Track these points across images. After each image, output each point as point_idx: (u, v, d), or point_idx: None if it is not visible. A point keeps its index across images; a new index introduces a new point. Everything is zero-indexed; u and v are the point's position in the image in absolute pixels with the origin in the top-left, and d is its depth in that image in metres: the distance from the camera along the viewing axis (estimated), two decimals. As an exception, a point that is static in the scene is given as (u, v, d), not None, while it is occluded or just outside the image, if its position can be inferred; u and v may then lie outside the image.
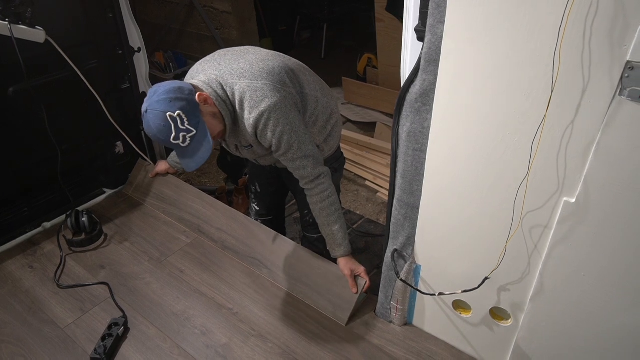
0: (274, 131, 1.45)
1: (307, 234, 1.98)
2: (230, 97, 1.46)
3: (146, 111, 1.35)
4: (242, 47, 1.60)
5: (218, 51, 1.59)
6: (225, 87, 1.46)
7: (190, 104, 1.37)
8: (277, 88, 1.44)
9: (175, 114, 1.33)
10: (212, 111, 1.43)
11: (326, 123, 1.68)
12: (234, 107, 1.47)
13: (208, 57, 1.57)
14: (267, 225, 1.99)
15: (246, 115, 1.45)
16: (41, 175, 2.10)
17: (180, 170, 2.09)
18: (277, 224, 2.10)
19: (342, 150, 1.87)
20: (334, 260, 1.72)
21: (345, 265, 1.64)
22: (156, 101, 1.34)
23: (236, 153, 1.70)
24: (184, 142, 1.36)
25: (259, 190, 1.99)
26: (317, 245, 1.96)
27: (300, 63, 1.66)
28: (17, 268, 1.90)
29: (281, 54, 1.62)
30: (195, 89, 1.41)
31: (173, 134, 1.34)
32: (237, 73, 1.46)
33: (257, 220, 2.05)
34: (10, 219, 2.06)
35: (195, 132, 1.37)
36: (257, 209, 2.04)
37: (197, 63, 1.58)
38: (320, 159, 1.59)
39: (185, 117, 1.35)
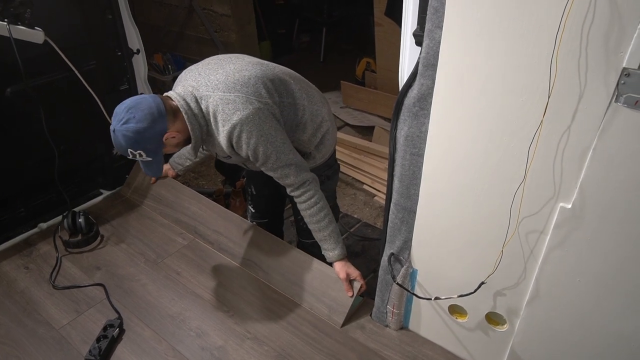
0: (248, 143, 1.45)
1: (302, 239, 1.98)
2: (204, 110, 1.46)
3: (114, 131, 1.42)
4: (227, 56, 1.59)
5: (206, 59, 1.59)
6: (199, 101, 1.46)
7: (155, 144, 1.45)
8: (250, 100, 1.43)
9: (136, 152, 1.44)
10: (177, 142, 1.49)
11: (316, 131, 1.66)
12: (207, 120, 1.48)
13: (193, 65, 1.58)
14: (263, 227, 1.99)
15: (220, 128, 1.45)
16: (38, 175, 2.09)
17: (182, 171, 2.08)
18: (274, 226, 2.09)
19: (337, 157, 1.86)
20: (330, 264, 1.72)
21: (341, 269, 1.64)
22: (123, 135, 1.40)
23: (222, 159, 1.70)
24: (143, 158, 1.48)
25: (254, 192, 1.99)
26: (312, 250, 1.96)
27: (288, 70, 1.65)
28: (13, 268, 1.89)
29: (265, 62, 1.61)
30: (167, 106, 1.44)
31: (132, 157, 1.47)
32: (212, 85, 1.46)
33: (253, 222, 2.05)
34: (7, 219, 2.06)
35: (151, 159, 1.48)
36: (253, 211, 2.05)
37: (185, 70, 1.59)
38: (304, 166, 1.58)
39: (145, 153, 1.45)
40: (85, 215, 2.01)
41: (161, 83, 4.08)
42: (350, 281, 1.65)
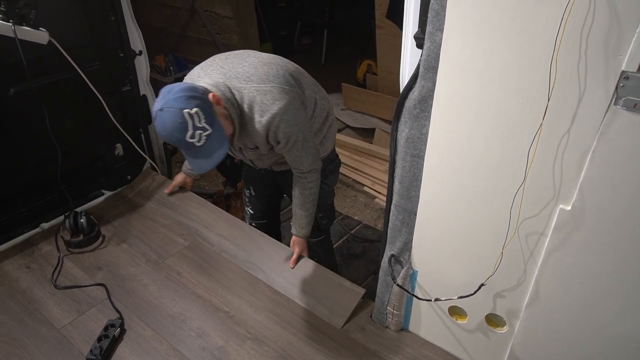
0: (285, 132, 1.48)
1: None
2: (239, 100, 1.46)
3: (161, 109, 1.32)
4: (240, 51, 1.60)
5: (216, 55, 1.59)
6: (233, 91, 1.46)
7: (205, 102, 1.35)
8: (285, 89, 1.46)
9: (193, 111, 1.30)
10: (224, 113, 1.43)
11: (322, 125, 1.71)
12: (241, 110, 1.48)
13: (207, 62, 1.57)
14: (262, 228, 2.01)
15: (257, 118, 1.46)
16: (40, 175, 2.10)
17: (198, 177, 2.08)
18: (272, 227, 2.10)
19: (338, 153, 1.90)
20: (334, 269, 1.81)
21: (297, 243, 1.81)
22: (172, 99, 1.31)
23: (239, 155, 1.71)
24: (199, 140, 1.34)
25: (253, 194, 2.00)
26: (314, 249, 1.97)
27: (296, 65, 1.67)
28: (15, 268, 1.90)
29: (278, 56, 1.63)
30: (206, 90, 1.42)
31: (189, 132, 1.31)
32: (243, 77, 1.46)
33: (251, 223, 2.06)
34: (9, 219, 2.06)
35: (211, 130, 1.34)
36: (252, 212, 2.06)
37: (196, 67, 1.59)
38: (318, 155, 1.64)
39: (202, 114, 1.32)
40: (87, 216, 2.02)
41: (163, 84, 4.09)
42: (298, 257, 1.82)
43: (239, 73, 1.48)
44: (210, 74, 1.51)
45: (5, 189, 2.02)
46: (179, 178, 2.17)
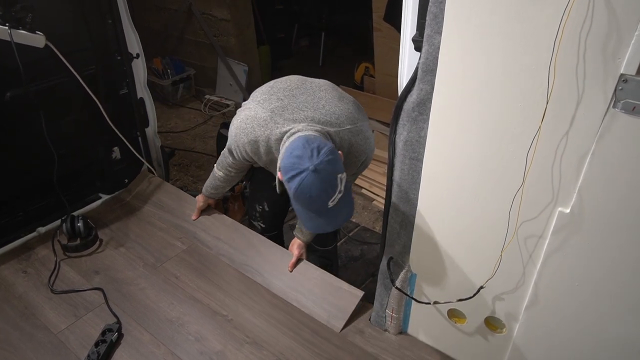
0: (365, 165, 1.61)
1: (315, 245, 1.94)
2: (338, 144, 1.45)
3: (314, 170, 1.20)
4: (294, 80, 1.57)
5: (270, 91, 1.52)
6: (333, 137, 1.43)
7: (341, 163, 1.30)
8: (365, 124, 1.56)
9: (343, 175, 1.25)
10: None
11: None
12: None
13: (270, 101, 1.48)
14: (273, 239, 1.99)
15: (356, 156, 1.53)
16: (37, 179, 2.09)
17: (220, 197, 2.04)
18: (280, 236, 2.11)
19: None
20: (335, 273, 1.79)
21: (298, 246, 1.81)
22: (326, 161, 1.21)
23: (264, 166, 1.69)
24: (334, 201, 1.25)
25: (267, 209, 1.97)
26: (328, 257, 1.96)
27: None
28: (11, 273, 1.89)
29: (329, 82, 1.64)
30: None
31: (335, 194, 1.23)
32: (332, 119, 1.46)
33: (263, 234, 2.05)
34: (5, 223, 2.05)
35: (343, 193, 1.25)
36: (263, 226, 2.03)
37: (260, 108, 1.49)
38: None
39: (344, 177, 1.26)
40: (84, 220, 2.01)
41: (160, 87, 4.09)
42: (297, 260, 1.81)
43: (324, 114, 1.45)
44: (296, 119, 1.42)
45: (2, 192, 2.01)
46: (202, 202, 2.06)
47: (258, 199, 1.97)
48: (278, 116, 1.46)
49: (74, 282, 1.84)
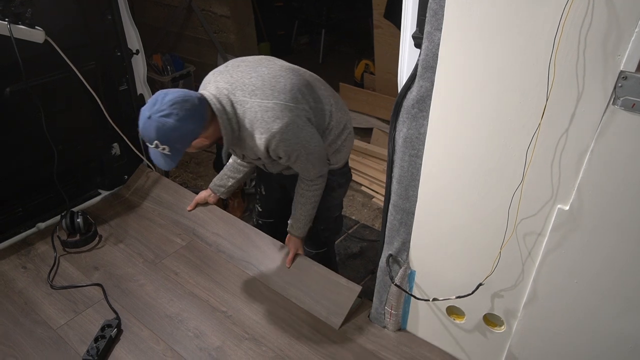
0: (286, 150, 1.48)
1: (307, 249, 1.96)
2: (240, 114, 1.46)
3: (149, 117, 1.35)
4: (255, 58, 1.58)
5: (233, 60, 1.57)
6: (235, 105, 1.45)
7: (183, 145, 1.41)
8: (289, 107, 1.45)
9: (162, 146, 1.37)
10: (202, 144, 1.47)
11: (337, 137, 1.67)
12: (240, 126, 1.47)
13: (221, 67, 1.56)
14: (268, 227, 1.99)
15: (257, 135, 1.45)
16: (37, 175, 2.09)
17: (225, 194, 2.03)
18: (278, 228, 2.08)
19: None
20: (334, 269, 1.78)
21: (292, 242, 1.80)
22: (158, 126, 1.34)
23: (243, 160, 1.70)
24: (162, 151, 1.41)
25: (264, 193, 1.99)
26: (318, 261, 1.96)
27: (315, 75, 1.66)
28: (11, 268, 1.89)
29: (295, 66, 1.61)
30: (206, 106, 1.41)
31: (150, 146, 1.40)
32: (248, 89, 1.45)
33: (258, 220, 2.05)
34: (5, 219, 2.05)
35: (170, 155, 1.41)
36: (260, 210, 2.04)
37: (210, 73, 1.57)
38: (324, 162, 1.63)
39: (169, 150, 1.39)
40: (84, 215, 2.01)
41: (160, 83, 4.08)
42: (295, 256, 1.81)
43: (245, 84, 1.46)
44: (218, 81, 1.50)
45: (1, 188, 2.01)
46: (203, 195, 2.08)
47: (258, 181, 2.01)
48: (213, 79, 1.53)
49: (73, 278, 1.84)
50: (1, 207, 2.04)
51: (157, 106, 1.35)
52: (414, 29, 1.16)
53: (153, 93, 2.39)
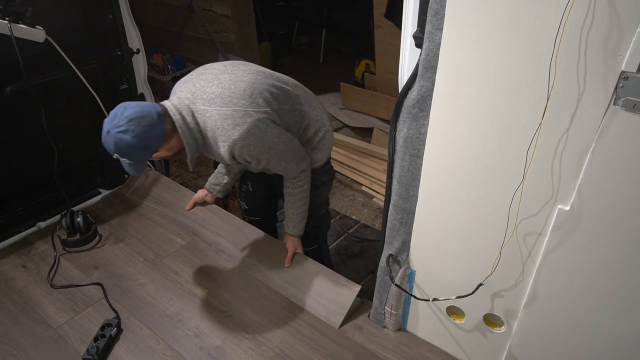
0: (252, 155, 1.47)
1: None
2: (201, 125, 1.46)
3: (108, 132, 1.39)
4: (221, 64, 1.57)
5: (198, 68, 1.58)
6: (195, 115, 1.46)
7: (144, 157, 1.45)
8: (248, 112, 1.43)
9: (122, 159, 1.42)
10: (165, 155, 1.49)
11: (314, 136, 1.68)
12: (203, 135, 1.48)
13: (187, 77, 1.57)
14: (256, 225, 2.00)
15: (220, 143, 1.45)
16: (37, 174, 2.09)
17: (221, 192, 2.05)
18: (267, 225, 2.09)
19: (336, 158, 1.89)
20: (328, 265, 1.78)
21: (290, 241, 1.81)
22: (116, 141, 1.37)
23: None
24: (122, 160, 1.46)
25: (250, 189, 1.99)
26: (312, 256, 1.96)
27: (284, 77, 1.65)
28: (11, 267, 1.89)
29: (262, 69, 1.60)
30: (166, 118, 1.44)
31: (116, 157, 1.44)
32: (208, 98, 1.45)
33: (245, 219, 2.05)
34: (5, 218, 2.06)
35: (133, 163, 1.45)
36: (246, 207, 2.05)
37: (177, 82, 1.59)
38: (302, 156, 1.62)
39: (130, 161, 1.43)
40: (84, 215, 2.01)
41: (160, 83, 4.09)
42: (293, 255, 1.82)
43: (206, 93, 1.45)
44: (182, 91, 1.51)
45: (2, 188, 2.01)
46: (200, 194, 2.10)
47: (244, 178, 2.01)
48: (179, 88, 1.55)
49: (73, 277, 1.84)
50: (1, 206, 2.04)
51: (116, 121, 1.38)
52: (415, 28, 1.16)
53: (154, 92, 2.41)
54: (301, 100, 1.63)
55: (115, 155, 1.42)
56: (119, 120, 1.37)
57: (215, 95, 1.44)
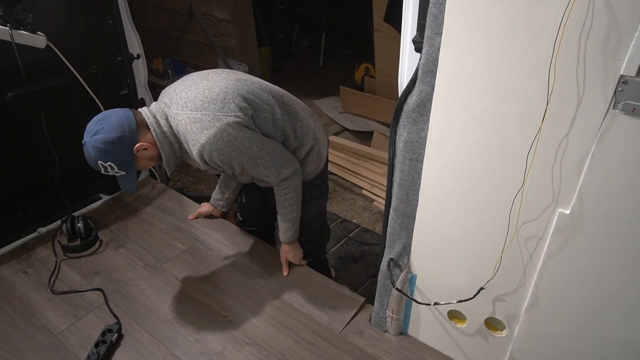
0: (222, 159, 1.46)
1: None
2: (175, 128, 1.47)
3: (84, 144, 1.44)
4: (205, 72, 1.56)
5: (187, 75, 1.58)
6: (169, 119, 1.47)
7: (125, 156, 1.46)
8: (217, 117, 1.40)
9: (107, 164, 1.44)
10: (150, 155, 1.49)
11: (298, 148, 1.64)
12: (178, 139, 1.49)
13: (173, 84, 1.57)
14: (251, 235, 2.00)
15: (191, 147, 1.45)
16: (37, 180, 2.09)
17: (225, 206, 2.04)
18: (262, 235, 2.08)
19: (336, 162, 1.88)
20: (331, 277, 1.80)
21: (283, 249, 1.81)
22: (93, 146, 1.41)
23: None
24: (114, 174, 1.49)
25: (244, 201, 2.01)
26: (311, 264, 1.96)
27: (274, 87, 1.61)
28: (11, 273, 1.89)
29: (245, 76, 1.57)
30: (139, 125, 1.46)
31: (102, 172, 1.48)
32: (182, 102, 1.45)
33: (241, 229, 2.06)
34: (5, 223, 2.06)
35: (124, 173, 1.49)
36: (241, 219, 2.06)
37: (166, 87, 1.60)
38: (286, 161, 1.57)
39: (116, 166, 1.45)
40: (84, 220, 2.01)
41: (161, 88, 4.09)
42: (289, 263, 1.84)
43: (181, 98, 1.46)
44: (163, 96, 1.54)
45: (2, 193, 2.01)
46: (205, 208, 2.10)
47: (241, 190, 2.02)
48: (162, 94, 1.58)
49: (74, 283, 1.84)
50: (2, 211, 2.04)
51: (87, 131, 1.44)
52: (414, 33, 1.16)
53: (154, 97, 2.41)
54: (282, 109, 1.57)
55: (100, 164, 1.44)
56: (89, 128, 1.44)
57: (188, 99, 1.44)
